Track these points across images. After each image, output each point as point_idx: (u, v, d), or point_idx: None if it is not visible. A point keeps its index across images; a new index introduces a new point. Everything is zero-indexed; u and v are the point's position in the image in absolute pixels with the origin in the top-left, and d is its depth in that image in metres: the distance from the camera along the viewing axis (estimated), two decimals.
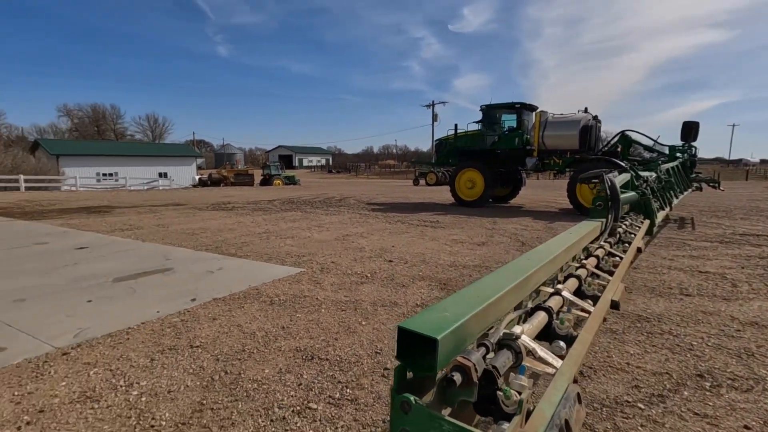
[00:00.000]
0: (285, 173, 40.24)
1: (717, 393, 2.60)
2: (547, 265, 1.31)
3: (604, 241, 2.05)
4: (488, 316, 0.99)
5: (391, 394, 0.81)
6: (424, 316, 0.88)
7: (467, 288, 1.08)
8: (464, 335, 0.88)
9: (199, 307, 4.04)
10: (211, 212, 12.33)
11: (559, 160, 13.02)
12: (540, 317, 1.15)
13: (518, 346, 0.95)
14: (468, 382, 0.78)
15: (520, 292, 1.15)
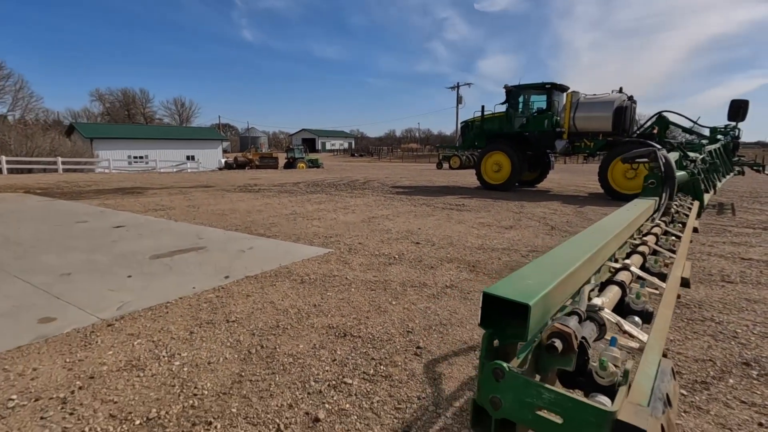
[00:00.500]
0: (308, 156, 40.45)
1: (765, 382, 2.50)
2: (613, 240, 1.26)
3: (659, 220, 1.96)
4: (568, 287, 0.97)
5: (480, 362, 0.79)
6: (507, 284, 0.86)
7: (541, 258, 1.05)
8: (550, 304, 0.86)
9: (232, 284, 4.15)
10: (239, 194, 12.56)
11: (590, 143, 12.57)
12: (613, 291, 1.10)
13: (602, 318, 0.92)
14: (568, 349, 0.75)
15: (592, 264, 1.12)
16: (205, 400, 2.24)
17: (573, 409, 0.65)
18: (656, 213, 2.12)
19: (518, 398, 0.71)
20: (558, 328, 0.75)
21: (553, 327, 0.76)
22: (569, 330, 0.74)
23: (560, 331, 0.74)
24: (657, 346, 0.86)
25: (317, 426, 2.04)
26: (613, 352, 0.77)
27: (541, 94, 13.63)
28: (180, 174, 25.85)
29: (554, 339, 0.75)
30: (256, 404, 2.21)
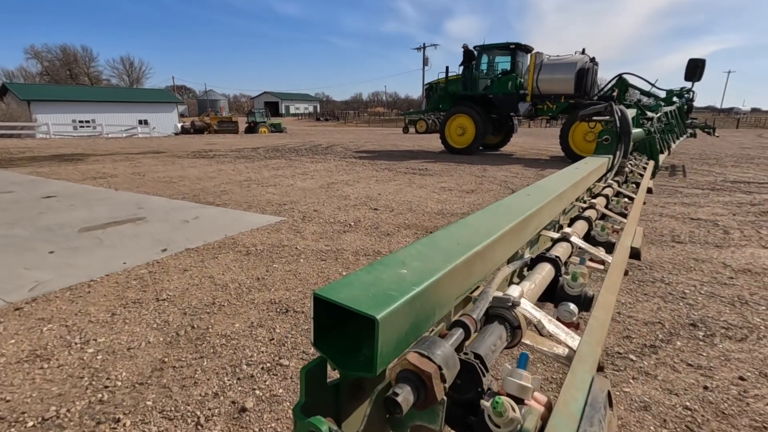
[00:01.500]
0: (271, 121, 38.70)
1: (711, 343, 2.49)
2: (552, 203, 1.04)
3: (612, 180, 1.80)
4: (472, 273, 0.72)
5: (294, 414, 0.51)
6: (363, 277, 0.59)
7: (443, 230, 0.81)
8: (430, 307, 0.60)
9: (169, 258, 3.80)
10: (192, 160, 11.81)
11: (552, 106, 12.53)
12: (544, 272, 0.88)
13: (515, 319, 0.68)
14: (427, 398, 0.47)
15: (517, 237, 0.88)
16: (117, 393, 1.97)
17: None
18: (609, 172, 1.95)
19: None
20: (410, 363, 0.48)
21: (404, 360, 0.49)
22: (430, 368, 0.48)
23: (413, 369, 0.48)
24: (591, 356, 0.64)
25: (243, 417, 1.84)
26: (518, 378, 0.51)
27: (506, 55, 13.35)
28: (130, 140, 24.15)
29: (401, 385, 0.47)
30: (177, 395, 1.97)
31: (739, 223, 5.14)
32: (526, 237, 0.95)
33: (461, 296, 0.71)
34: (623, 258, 1.08)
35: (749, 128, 38.68)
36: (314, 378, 0.54)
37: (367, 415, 0.48)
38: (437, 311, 0.62)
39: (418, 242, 0.75)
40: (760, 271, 3.61)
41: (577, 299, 0.87)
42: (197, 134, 34.06)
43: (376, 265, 0.63)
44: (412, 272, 0.60)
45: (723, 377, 2.16)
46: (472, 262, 0.70)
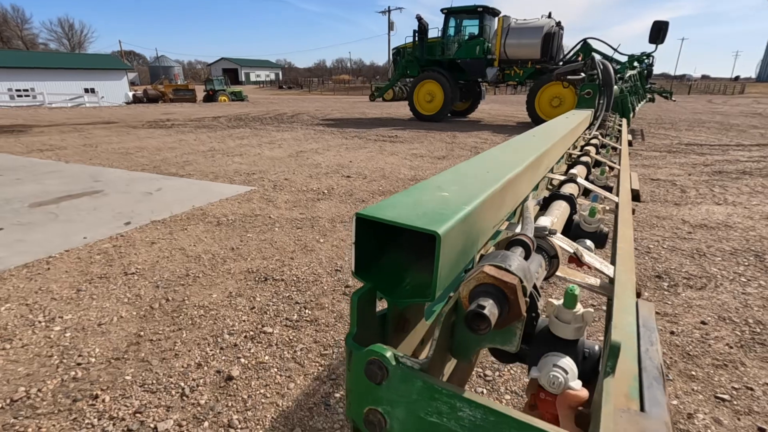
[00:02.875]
0: (231, 89, 36.91)
1: (674, 292, 2.65)
2: (558, 145, 1.03)
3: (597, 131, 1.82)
4: (505, 203, 0.69)
5: (347, 344, 0.47)
6: (403, 199, 0.54)
7: (466, 163, 0.77)
8: (476, 231, 0.55)
9: (134, 231, 3.61)
10: (149, 130, 11.13)
11: (519, 71, 12.57)
12: (561, 208, 0.88)
13: (552, 248, 0.67)
14: (511, 313, 0.42)
15: (535, 173, 0.87)
16: (92, 370, 1.88)
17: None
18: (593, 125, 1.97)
19: (415, 415, 0.41)
20: (492, 275, 0.43)
21: (482, 273, 0.44)
22: (512, 279, 0.43)
23: (496, 282, 0.43)
24: (630, 283, 0.65)
25: (230, 385, 1.80)
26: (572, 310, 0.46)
27: (473, 18, 13.15)
28: (77, 110, 22.41)
29: (483, 299, 0.41)
30: (157, 368, 1.90)
31: (695, 183, 5.43)
32: (540, 175, 0.94)
33: (497, 225, 0.68)
34: (628, 197, 1.10)
35: (700, 94, 40.53)
36: (364, 307, 0.50)
37: (436, 339, 0.44)
38: (481, 237, 0.59)
39: (447, 172, 0.72)
40: (714, 226, 3.84)
41: (593, 235, 0.88)
42: (151, 103, 32.09)
43: (412, 190, 0.59)
44: (454, 195, 0.56)
45: (687, 322, 2.31)
46: (505, 191, 0.67)
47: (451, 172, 0.70)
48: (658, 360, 0.43)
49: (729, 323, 2.31)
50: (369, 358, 0.43)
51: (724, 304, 2.50)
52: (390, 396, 0.43)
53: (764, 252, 3.25)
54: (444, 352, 0.47)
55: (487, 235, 0.63)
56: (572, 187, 0.98)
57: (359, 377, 0.44)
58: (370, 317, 0.51)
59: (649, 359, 0.43)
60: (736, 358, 2.01)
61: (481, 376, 1.89)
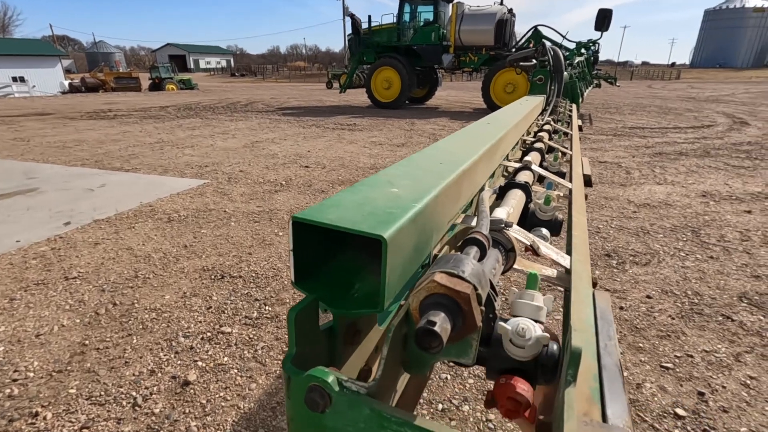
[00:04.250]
0: (179, 76, 35.01)
1: (622, 269, 2.79)
2: (512, 132, 1.03)
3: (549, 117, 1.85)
4: (461, 194, 0.66)
5: (284, 368, 0.42)
6: (349, 197, 0.50)
7: (419, 153, 0.74)
8: (429, 229, 0.52)
9: (75, 232, 3.35)
10: (89, 122, 10.37)
11: (474, 57, 12.73)
12: (517, 197, 0.87)
13: (509, 241, 0.64)
14: (465, 325, 0.39)
15: (490, 162, 0.86)
16: (31, 385, 1.73)
17: None
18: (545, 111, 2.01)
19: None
20: (444, 284, 0.39)
21: (432, 282, 0.40)
22: (465, 288, 0.39)
23: (448, 292, 0.39)
24: (585, 273, 0.65)
25: (187, 391, 1.72)
26: (532, 300, 0.45)
27: (428, 4, 13.13)
28: (4, 100, 20.50)
29: (433, 313, 0.37)
30: (105, 378, 1.78)
31: (638, 164, 5.75)
32: (495, 164, 0.93)
33: (452, 219, 0.66)
34: (580, 183, 1.12)
35: (641, 80, 42.92)
36: (304, 323, 0.45)
37: (384, 357, 0.40)
38: (435, 235, 0.56)
39: (399, 164, 0.68)
40: (656, 204, 4.09)
41: (548, 224, 0.88)
42: (90, 92, 29.92)
43: (360, 186, 0.55)
44: (405, 191, 0.53)
45: (634, 297, 2.45)
46: (460, 183, 0.65)
47: (403, 165, 0.67)
48: (617, 356, 0.43)
49: (671, 296, 2.47)
50: (309, 384, 0.39)
51: (666, 278, 2.67)
52: (335, 424, 0.39)
53: (700, 227, 3.50)
54: (396, 369, 0.44)
55: (442, 231, 0.61)
56: (527, 174, 0.98)
57: (300, 405, 0.40)
58: (312, 333, 0.47)
59: (609, 355, 0.43)
60: (678, 329, 2.15)
61: (445, 362, 1.92)
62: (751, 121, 9.75)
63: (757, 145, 7.00)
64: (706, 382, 1.78)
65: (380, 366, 0.40)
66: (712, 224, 3.58)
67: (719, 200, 4.22)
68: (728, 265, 2.84)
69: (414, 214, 0.46)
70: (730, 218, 3.72)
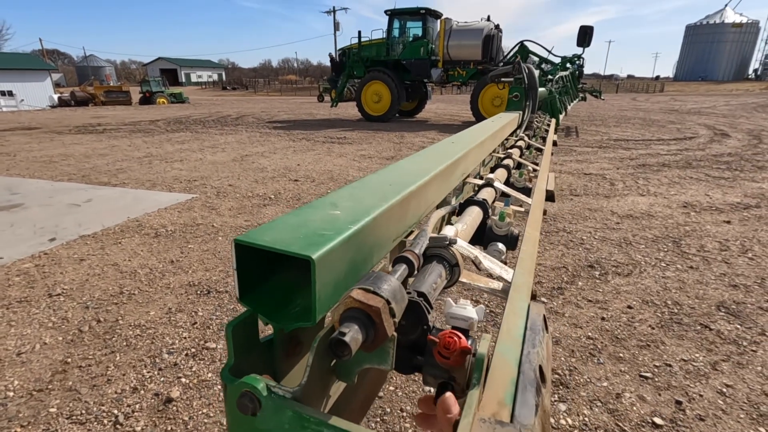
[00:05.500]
0: (170, 90, 35.03)
1: (604, 280, 2.85)
2: (475, 151, 1.07)
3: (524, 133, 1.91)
4: (407, 214, 0.71)
5: (222, 377, 0.47)
6: (290, 219, 0.54)
7: (374, 174, 0.79)
8: (368, 248, 0.57)
9: (60, 248, 3.33)
10: (76, 136, 10.31)
11: (462, 72, 12.97)
12: (473, 214, 0.91)
13: (453, 257, 0.68)
14: (377, 336, 0.44)
15: (447, 181, 0.90)
16: (10, 405, 1.71)
17: None
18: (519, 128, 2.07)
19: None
20: (358, 299, 0.44)
21: (348, 298, 0.45)
22: (377, 302, 0.44)
23: (361, 306, 0.44)
24: (525, 286, 0.68)
25: (169, 408, 1.71)
26: (463, 311, 0.49)
27: (417, 20, 13.41)
28: None
29: (347, 324, 0.43)
30: (87, 396, 1.77)
31: (622, 176, 5.87)
32: (454, 182, 0.96)
33: (398, 238, 0.70)
34: (541, 199, 1.16)
35: (626, 93, 43.91)
36: (243, 335, 0.49)
37: (310, 365, 0.45)
38: (375, 253, 0.60)
39: (349, 186, 0.72)
40: (639, 216, 4.18)
41: (504, 238, 0.92)
42: (80, 106, 29.78)
43: (304, 208, 0.60)
44: (345, 212, 0.57)
45: (615, 308, 2.50)
46: (407, 203, 0.69)
47: (352, 186, 0.71)
48: (537, 362, 0.47)
49: (651, 306, 2.52)
50: (241, 390, 0.43)
51: (647, 288, 2.73)
52: (265, 427, 0.43)
53: (681, 238, 3.58)
54: (324, 376, 0.49)
55: (386, 249, 0.65)
56: (488, 191, 1.02)
57: (234, 411, 0.44)
58: (252, 345, 0.51)
59: (529, 363, 0.46)
60: (657, 338, 2.20)
61: None
62: (731, 133, 10.02)
63: (736, 156, 7.19)
64: (683, 391, 1.81)
65: (306, 373, 0.44)
66: (692, 234, 3.67)
67: (700, 211, 4.32)
68: (707, 275, 2.91)
69: (348, 235, 0.51)
70: (710, 228, 3.81)
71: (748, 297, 2.61)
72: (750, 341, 2.17)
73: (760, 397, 1.77)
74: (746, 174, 5.90)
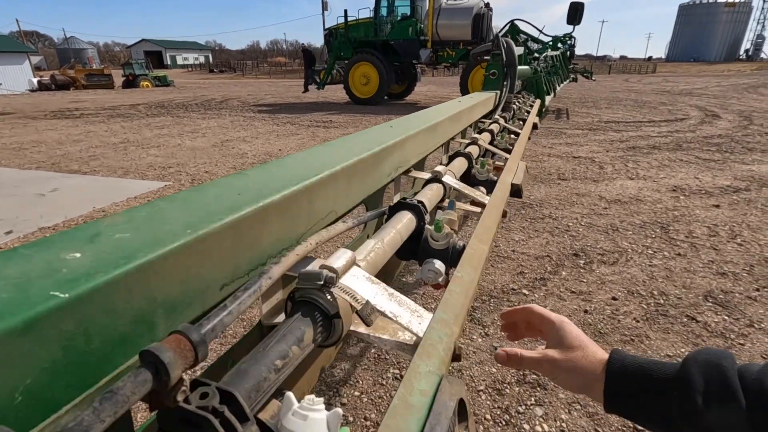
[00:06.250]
0: (154, 73, 34.06)
1: (589, 269, 2.72)
2: (421, 137, 0.89)
3: (499, 116, 1.73)
4: (248, 247, 0.51)
5: None
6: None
7: (248, 171, 0.60)
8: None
9: (15, 242, 3.13)
10: (51, 121, 9.93)
11: (452, 52, 12.65)
12: (402, 222, 0.72)
13: (333, 305, 0.50)
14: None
15: (367, 178, 0.72)
16: None
17: None
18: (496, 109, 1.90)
19: None
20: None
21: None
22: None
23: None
24: (439, 346, 0.46)
25: None
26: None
27: None
28: None
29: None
30: None
31: (611, 159, 5.74)
32: (381, 179, 0.78)
33: (231, 283, 0.50)
34: (503, 196, 0.97)
35: (618, 74, 43.59)
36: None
37: None
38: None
39: (172, 197, 0.51)
40: (627, 201, 4.06)
41: (444, 253, 0.72)
42: (61, 90, 28.90)
43: (31, 246, 0.38)
44: (87, 260, 0.36)
45: (599, 299, 2.38)
46: (242, 231, 0.49)
47: (174, 198, 0.50)
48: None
49: (637, 297, 2.40)
50: None
51: (633, 277, 2.61)
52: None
53: (669, 223, 3.47)
54: None
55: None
56: (435, 188, 0.84)
57: None
58: None
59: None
60: (642, 332, 2.08)
61: (398, 378, 1.80)
62: (722, 114, 9.92)
63: (727, 138, 7.09)
64: None
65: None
66: (681, 220, 3.56)
67: (689, 195, 4.21)
68: (695, 263, 2.80)
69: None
70: (699, 213, 3.71)
71: (736, 285, 2.51)
72: (738, 333, 2.07)
73: None
74: (736, 156, 5.80)
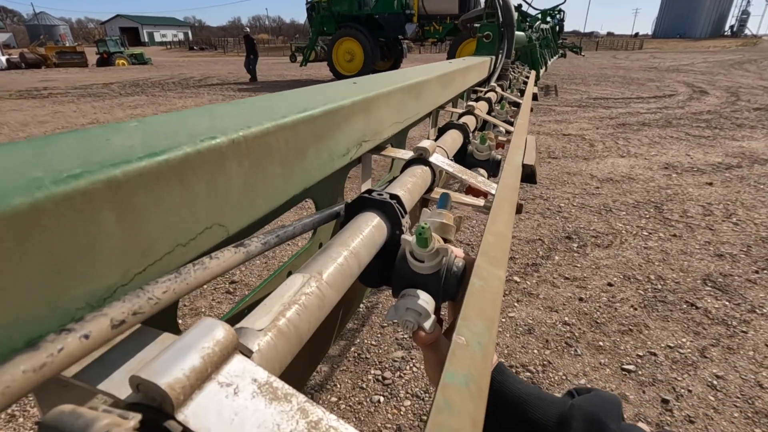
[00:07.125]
0: (130, 50, 32.66)
1: (583, 253, 2.59)
2: (398, 97, 0.66)
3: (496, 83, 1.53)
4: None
5: None
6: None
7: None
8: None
9: None
10: (16, 101, 9.38)
11: (439, 27, 12.26)
12: (373, 223, 0.51)
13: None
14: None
15: (295, 164, 0.52)
16: None
17: None
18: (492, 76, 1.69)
19: None
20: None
21: None
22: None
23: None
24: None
25: None
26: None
27: None
28: None
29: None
30: None
31: (602, 136, 5.60)
32: (335, 158, 0.57)
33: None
34: (513, 184, 0.69)
35: (606, 50, 43.30)
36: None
37: None
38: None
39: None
40: (619, 179, 3.93)
41: (432, 280, 0.52)
42: (31, 68, 27.57)
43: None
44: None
45: (595, 286, 2.25)
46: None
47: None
48: None
49: (633, 282, 2.28)
50: None
51: (629, 261, 2.49)
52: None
53: (662, 202, 3.35)
54: None
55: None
56: (420, 173, 0.61)
57: None
58: None
59: None
60: (640, 321, 1.96)
61: (379, 380, 1.66)
62: (710, 90, 9.83)
63: (716, 114, 7.00)
64: (670, 386, 1.59)
65: None
66: (674, 198, 3.44)
67: (681, 172, 4.10)
68: (691, 244, 2.69)
69: None
70: (692, 191, 3.60)
71: (734, 268, 2.41)
72: (740, 320, 1.96)
73: (754, 390, 1.56)
74: (726, 132, 5.71)
